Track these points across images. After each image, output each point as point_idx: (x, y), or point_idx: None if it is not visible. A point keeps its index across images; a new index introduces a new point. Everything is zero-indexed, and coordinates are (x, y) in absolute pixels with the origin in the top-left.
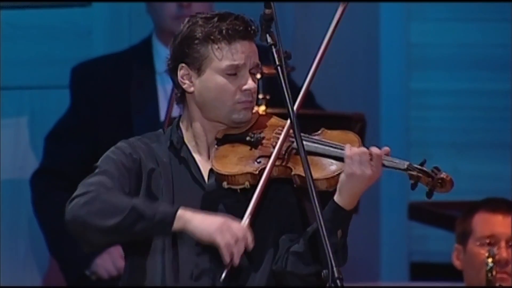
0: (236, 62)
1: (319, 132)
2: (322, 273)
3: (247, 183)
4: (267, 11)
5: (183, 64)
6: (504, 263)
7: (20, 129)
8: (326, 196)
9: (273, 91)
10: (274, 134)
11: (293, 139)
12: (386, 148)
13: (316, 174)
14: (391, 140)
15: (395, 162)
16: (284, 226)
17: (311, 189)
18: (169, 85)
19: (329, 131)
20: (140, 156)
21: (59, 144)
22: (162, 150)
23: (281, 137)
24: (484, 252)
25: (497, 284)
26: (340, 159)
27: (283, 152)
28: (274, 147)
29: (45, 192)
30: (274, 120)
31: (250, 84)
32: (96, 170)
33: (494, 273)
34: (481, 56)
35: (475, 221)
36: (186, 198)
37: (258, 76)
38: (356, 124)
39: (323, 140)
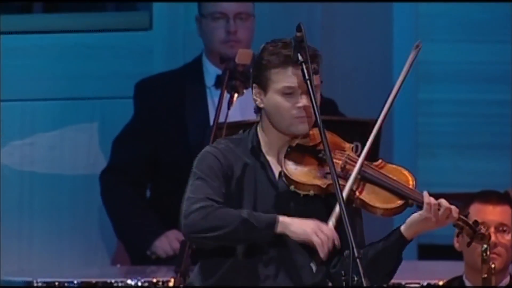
0: (289, 84)
1: (379, 162)
2: (344, 253)
3: (312, 191)
4: (298, 34)
5: (255, 85)
6: (493, 245)
7: (93, 132)
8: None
9: None
10: (344, 157)
11: (369, 165)
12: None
13: (377, 203)
14: (402, 142)
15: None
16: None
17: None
18: (216, 97)
19: (388, 164)
20: (229, 160)
21: (124, 146)
22: (245, 153)
23: (358, 163)
24: None
25: (491, 263)
26: (399, 195)
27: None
28: (345, 169)
29: (112, 186)
30: (336, 139)
31: (302, 101)
32: (197, 176)
33: (488, 253)
34: (481, 72)
35: (470, 210)
36: (264, 197)
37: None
38: (372, 129)
39: (389, 175)
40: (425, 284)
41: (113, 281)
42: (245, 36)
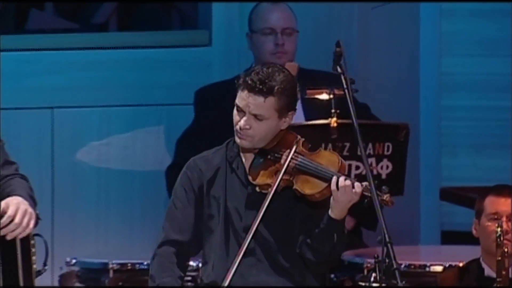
0: (238, 103)
1: (318, 151)
2: (378, 238)
3: (269, 189)
4: (338, 49)
5: None
6: (505, 232)
7: (160, 134)
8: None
9: (342, 106)
10: (284, 155)
11: (299, 157)
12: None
13: (307, 190)
14: (427, 143)
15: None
16: (305, 218)
17: (370, 182)
18: None
19: (322, 151)
20: (200, 170)
21: (186, 146)
22: (221, 160)
23: (289, 158)
24: (491, 225)
25: (504, 247)
26: (324, 179)
27: (290, 169)
28: (283, 165)
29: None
30: (294, 137)
31: (241, 123)
32: (173, 199)
33: (501, 238)
34: (496, 82)
35: (486, 202)
36: (235, 197)
37: (260, 120)
38: (402, 131)
39: (314, 162)
40: (447, 265)
41: None
42: (290, 48)
